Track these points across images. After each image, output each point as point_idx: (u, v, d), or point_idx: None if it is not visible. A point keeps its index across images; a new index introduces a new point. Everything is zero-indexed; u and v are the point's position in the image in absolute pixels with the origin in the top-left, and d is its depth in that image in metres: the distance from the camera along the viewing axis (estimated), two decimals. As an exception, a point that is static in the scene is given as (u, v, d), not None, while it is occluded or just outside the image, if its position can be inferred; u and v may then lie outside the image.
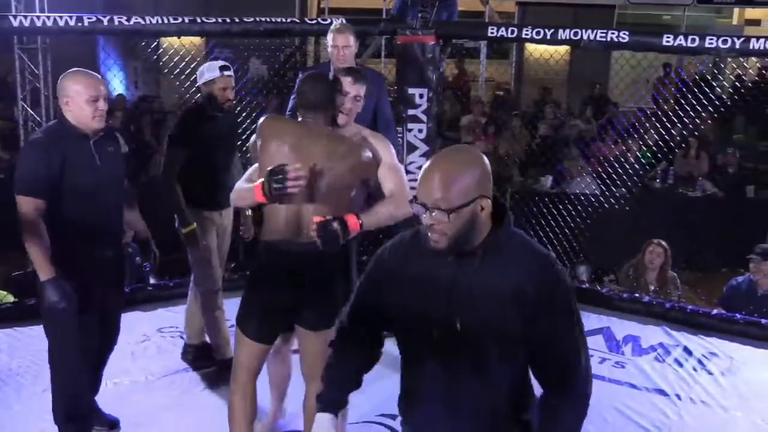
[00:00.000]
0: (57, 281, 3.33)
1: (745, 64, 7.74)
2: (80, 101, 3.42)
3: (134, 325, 4.82)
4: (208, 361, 4.58)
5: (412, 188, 6.09)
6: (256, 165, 3.26)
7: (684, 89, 9.33)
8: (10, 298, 5.67)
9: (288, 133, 3.21)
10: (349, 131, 3.42)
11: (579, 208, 7.21)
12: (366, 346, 2.45)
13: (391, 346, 2.44)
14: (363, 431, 3.97)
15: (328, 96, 3.27)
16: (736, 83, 8.73)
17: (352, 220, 3.13)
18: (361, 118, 5.01)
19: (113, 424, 3.92)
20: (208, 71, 4.39)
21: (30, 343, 4.89)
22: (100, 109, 3.43)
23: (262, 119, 3.30)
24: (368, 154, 3.22)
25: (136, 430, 3.95)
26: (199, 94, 4.54)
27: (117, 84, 12.19)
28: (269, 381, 3.83)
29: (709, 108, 7.17)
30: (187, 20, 5.53)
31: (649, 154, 9.22)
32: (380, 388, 4.40)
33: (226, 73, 4.39)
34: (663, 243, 6.12)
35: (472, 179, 2.16)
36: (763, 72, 10.89)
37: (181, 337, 4.83)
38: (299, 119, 3.29)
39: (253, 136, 3.35)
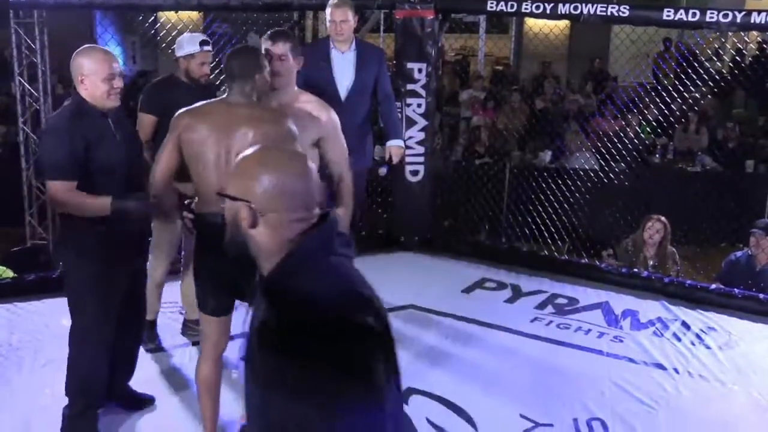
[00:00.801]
0: (120, 202, 3.36)
1: (746, 38, 7.70)
2: (96, 79, 3.39)
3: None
4: None
5: (411, 162, 6.05)
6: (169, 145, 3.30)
7: (684, 64, 9.33)
8: (10, 274, 5.68)
9: (206, 118, 3.23)
10: (288, 97, 3.44)
11: (578, 183, 7.21)
12: None
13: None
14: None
15: (251, 65, 3.25)
16: (737, 57, 8.69)
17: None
18: (360, 92, 5.02)
19: (147, 402, 3.98)
20: (188, 44, 4.40)
21: (29, 319, 4.91)
22: (115, 87, 3.43)
23: (176, 115, 3.31)
24: (289, 125, 3.20)
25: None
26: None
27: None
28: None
29: (710, 83, 7.15)
30: (184, -6, 5.50)
31: (648, 129, 9.21)
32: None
33: (206, 48, 4.41)
34: (663, 218, 6.12)
35: (253, 181, 1.79)
36: (764, 46, 10.84)
37: (181, 313, 4.85)
38: (225, 95, 3.31)
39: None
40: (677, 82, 7.93)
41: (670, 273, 6.01)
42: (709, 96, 9.65)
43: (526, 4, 5.76)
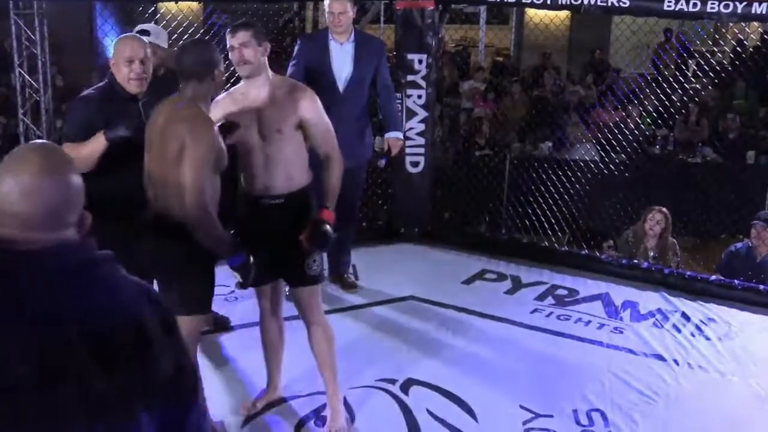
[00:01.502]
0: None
1: (747, 29, 7.68)
2: (119, 63, 3.55)
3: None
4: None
5: (411, 154, 6.04)
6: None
7: (685, 54, 9.31)
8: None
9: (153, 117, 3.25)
10: (261, 83, 3.46)
11: (578, 174, 7.20)
12: None
13: (387, 318, 2.45)
14: (362, 397, 4.00)
15: (202, 61, 3.13)
16: (737, 48, 8.68)
17: (327, 214, 3.43)
18: (358, 84, 5.02)
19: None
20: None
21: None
22: (135, 71, 3.52)
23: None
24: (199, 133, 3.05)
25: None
26: None
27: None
28: (266, 351, 3.83)
29: (710, 74, 7.14)
30: (184, -15, 5.49)
31: (649, 121, 9.20)
32: (378, 354, 4.46)
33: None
34: (664, 210, 6.12)
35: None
36: (765, 37, 10.82)
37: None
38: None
39: None
40: (678, 73, 7.92)
41: (671, 264, 6.01)
42: (710, 87, 9.63)
43: (527, -5, 5.76)
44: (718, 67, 7.31)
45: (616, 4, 5.46)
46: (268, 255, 3.47)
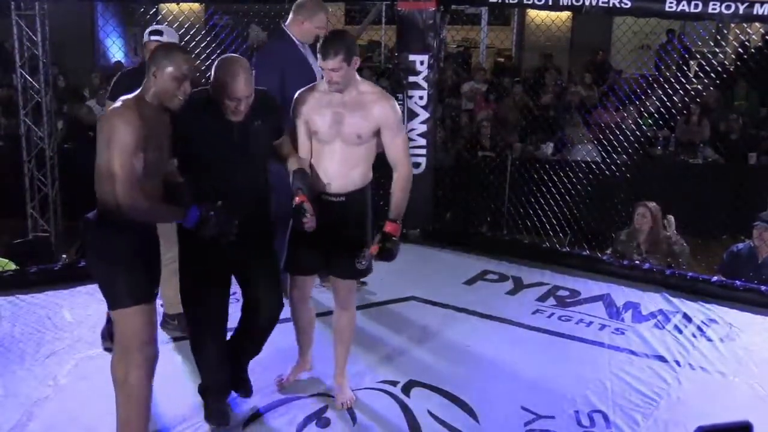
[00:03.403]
0: None
1: (749, 30, 7.68)
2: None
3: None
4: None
5: (412, 154, 6.03)
6: None
7: (687, 55, 9.30)
8: (12, 266, 5.69)
9: None
10: (350, 93, 3.59)
11: (580, 175, 7.20)
12: None
13: (389, 318, 2.45)
14: (364, 399, 4.00)
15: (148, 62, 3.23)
16: (739, 49, 8.67)
17: (392, 227, 3.64)
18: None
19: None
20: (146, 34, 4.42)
21: (31, 311, 4.91)
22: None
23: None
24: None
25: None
26: None
27: (116, 51, 12.14)
28: (298, 329, 4.00)
29: (712, 74, 7.14)
30: (186, -14, 5.49)
31: (650, 121, 9.19)
32: (380, 355, 4.46)
33: (153, 38, 4.35)
34: (649, 204, 6.12)
35: None
36: (767, 38, 10.81)
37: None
38: None
39: None
40: (679, 74, 7.91)
41: (667, 258, 6.00)
42: (711, 88, 9.62)
43: (528, -4, 5.76)
44: (719, 68, 7.30)
45: (618, 5, 5.46)
46: (325, 248, 3.66)
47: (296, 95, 3.70)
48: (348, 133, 3.61)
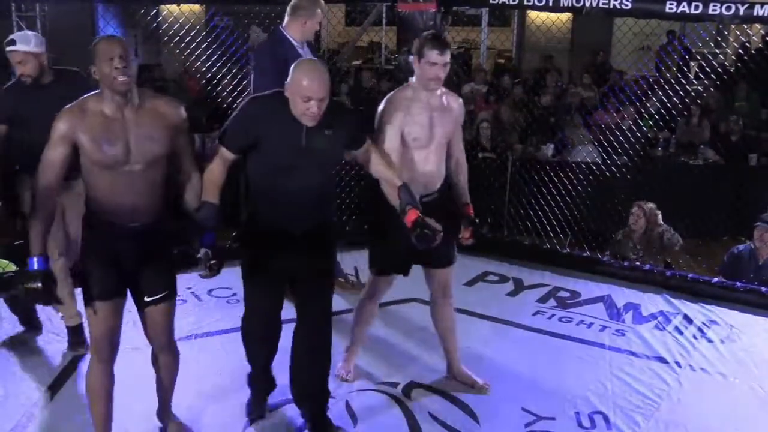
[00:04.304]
0: None
1: (749, 31, 7.67)
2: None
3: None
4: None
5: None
6: None
7: (687, 57, 9.29)
8: (12, 267, 5.67)
9: None
10: (438, 93, 3.77)
11: (580, 176, 7.19)
12: None
13: (390, 320, 2.45)
14: (365, 400, 4.00)
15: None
16: (740, 51, 8.65)
17: (472, 209, 3.91)
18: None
19: None
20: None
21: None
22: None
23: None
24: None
25: (138, 395, 3.97)
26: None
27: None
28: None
29: (712, 75, 7.13)
30: (186, -13, 5.48)
31: (651, 123, 9.17)
32: (381, 356, 4.46)
33: (11, 47, 4.26)
34: (645, 205, 6.13)
35: None
36: (767, 39, 10.80)
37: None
38: None
39: None
40: (680, 75, 7.90)
41: (657, 257, 6.01)
42: (712, 89, 9.61)
43: (528, -3, 5.75)
44: (720, 69, 7.30)
45: (618, 6, 5.46)
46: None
47: (388, 101, 3.73)
48: (442, 134, 3.76)
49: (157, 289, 3.27)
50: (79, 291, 5.07)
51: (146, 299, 3.28)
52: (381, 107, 3.74)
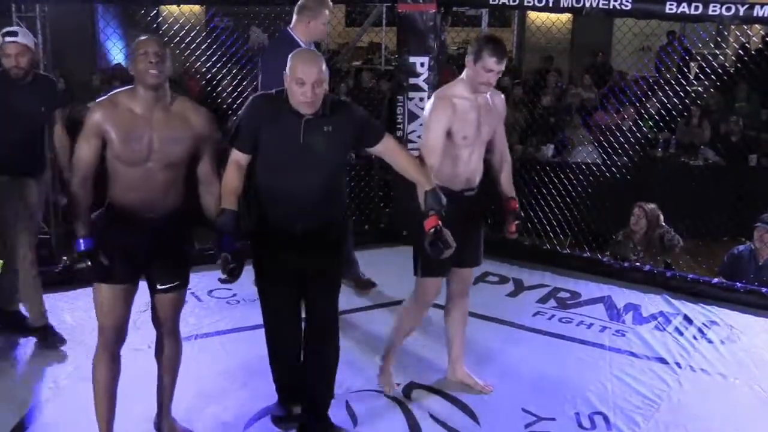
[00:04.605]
0: None
1: (749, 32, 7.67)
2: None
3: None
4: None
5: (412, 152, 5.99)
6: None
7: (687, 57, 9.28)
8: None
9: None
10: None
11: (580, 177, 7.19)
12: None
13: (390, 321, 2.45)
14: (365, 401, 4.00)
15: None
16: (740, 51, 8.65)
17: (516, 204, 3.98)
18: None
19: None
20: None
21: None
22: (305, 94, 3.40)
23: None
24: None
25: (138, 396, 3.97)
26: None
27: (117, 53, 12.12)
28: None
29: (712, 76, 7.13)
30: (186, -12, 5.48)
31: (651, 123, 9.17)
32: (381, 358, 4.45)
33: (8, 39, 4.30)
34: (646, 206, 6.12)
35: None
36: (767, 39, 10.80)
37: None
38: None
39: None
40: (680, 76, 7.90)
41: (657, 258, 6.00)
42: (712, 89, 9.61)
43: (528, -3, 5.75)
44: (720, 70, 7.30)
45: (618, 7, 5.46)
46: (461, 241, 3.65)
47: (437, 97, 3.75)
48: (487, 132, 3.81)
49: (170, 278, 3.36)
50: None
51: (158, 287, 3.37)
52: (429, 103, 3.77)
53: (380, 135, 3.47)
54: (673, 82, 7.44)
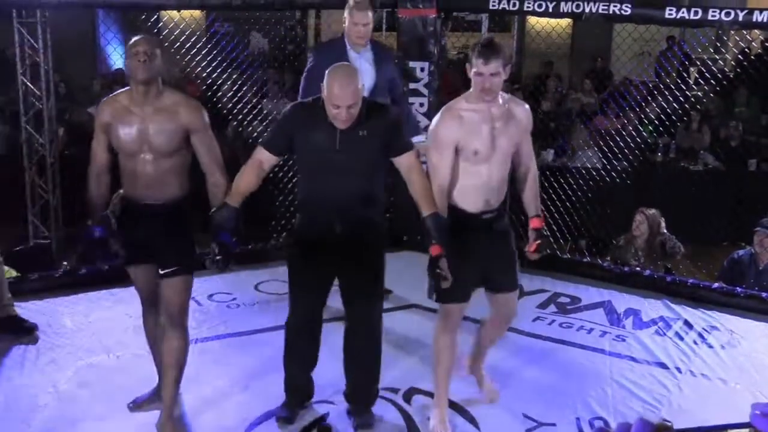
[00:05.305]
0: None
1: (749, 37, 7.68)
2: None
3: (135, 299, 4.83)
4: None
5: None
6: None
7: (686, 62, 9.29)
8: (13, 273, 5.68)
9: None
10: (498, 102, 3.54)
11: (580, 181, 7.20)
12: None
13: (391, 326, 2.45)
14: (365, 404, 3.99)
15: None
16: (739, 56, 8.66)
17: (541, 222, 3.72)
18: (381, 91, 4.87)
19: None
20: None
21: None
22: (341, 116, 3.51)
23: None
24: None
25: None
26: None
27: (117, 58, 12.14)
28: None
29: (712, 81, 7.14)
30: (187, -7, 5.50)
31: (651, 128, 9.18)
32: (381, 363, 4.45)
33: None
34: (647, 212, 6.12)
35: None
36: (767, 44, 10.81)
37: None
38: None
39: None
40: (679, 81, 7.91)
41: (659, 262, 6.00)
42: (712, 94, 9.62)
43: (528, 3, 5.76)
44: (719, 75, 7.30)
45: (618, 12, 5.47)
46: (482, 266, 3.62)
47: (441, 112, 3.57)
48: (507, 145, 3.53)
49: (169, 263, 3.49)
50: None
51: (160, 272, 3.51)
52: (435, 119, 3.59)
53: (406, 149, 3.52)
54: (673, 87, 7.45)
